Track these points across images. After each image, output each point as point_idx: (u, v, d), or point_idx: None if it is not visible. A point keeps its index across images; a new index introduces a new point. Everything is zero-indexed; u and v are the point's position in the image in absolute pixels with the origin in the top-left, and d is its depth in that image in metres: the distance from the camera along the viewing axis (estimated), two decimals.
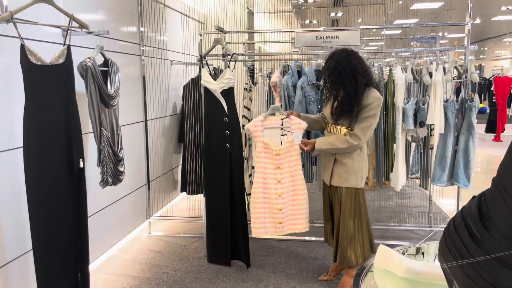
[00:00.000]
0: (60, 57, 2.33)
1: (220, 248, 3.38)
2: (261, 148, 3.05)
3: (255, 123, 3.07)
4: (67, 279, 2.43)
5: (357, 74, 2.69)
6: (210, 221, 3.41)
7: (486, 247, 0.98)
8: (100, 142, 2.73)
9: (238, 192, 3.30)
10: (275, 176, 3.04)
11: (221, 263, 3.40)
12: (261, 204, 3.05)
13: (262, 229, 3.07)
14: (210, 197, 3.39)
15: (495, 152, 8.45)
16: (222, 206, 3.30)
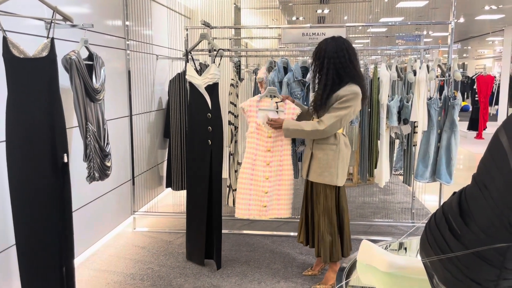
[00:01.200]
0: (44, 50, 2.30)
1: (195, 246, 3.35)
2: (253, 129, 3.07)
3: (250, 103, 3.09)
4: (52, 274, 2.40)
5: (339, 67, 2.67)
6: (190, 219, 3.38)
7: (465, 242, 1.01)
8: (86, 137, 2.71)
9: (216, 190, 3.26)
10: (265, 158, 3.06)
11: (195, 261, 3.37)
12: (248, 186, 3.07)
13: (246, 210, 3.09)
14: (191, 195, 3.36)
15: (477, 150, 8.61)
16: (201, 204, 3.28)
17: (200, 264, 3.33)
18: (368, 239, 1.75)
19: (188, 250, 3.43)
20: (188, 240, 3.42)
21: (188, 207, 3.38)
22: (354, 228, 4.10)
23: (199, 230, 3.30)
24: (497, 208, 0.95)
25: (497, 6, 9.48)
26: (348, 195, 5.20)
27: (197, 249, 3.33)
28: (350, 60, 2.70)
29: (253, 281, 3.07)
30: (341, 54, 2.66)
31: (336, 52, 2.66)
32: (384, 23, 4.97)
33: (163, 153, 4.96)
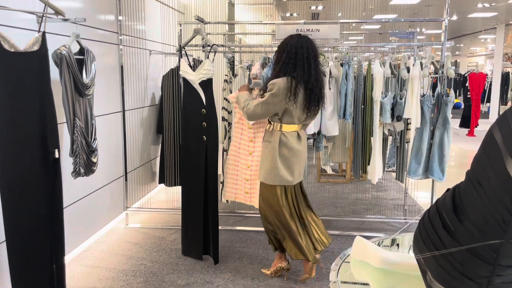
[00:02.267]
0: (35, 44, 2.27)
1: (193, 241, 3.36)
2: (238, 119, 3.21)
3: (235, 94, 3.17)
4: (42, 271, 2.38)
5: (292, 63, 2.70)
6: (185, 214, 3.39)
7: (459, 238, 1.01)
8: (73, 132, 2.68)
9: (212, 186, 3.27)
10: (248, 148, 3.19)
11: (193, 256, 3.37)
12: (233, 171, 3.26)
13: (232, 194, 3.30)
14: (186, 190, 3.36)
15: (468, 147, 8.67)
16: (197, 200, 3.28)
17: (199, 259, 3.34)
18: (360, 235, 1.75)
19: (184, 246, 3.43)
20: (184, 236, 3.42)
21: (184, 203, 3.38)
22: (347, 224, 4.12)
23: (196, 226, 3.30)
24: (491, 205, 0.96)
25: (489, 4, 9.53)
26: (341, 191, 5.24)
27: (195, 244, 3.34)
28: (308, 59, 2.71)
29: (246, 277, 3.07)
30: (300, 51, 2.70)
31: (296, 48, 2.71)
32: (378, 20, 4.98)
33: (156, 149, 4.94)
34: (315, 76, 2.74)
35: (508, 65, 14.41)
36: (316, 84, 2.75)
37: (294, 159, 2.83)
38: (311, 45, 2.76)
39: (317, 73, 2.76)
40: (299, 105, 2.75)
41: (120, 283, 2.98)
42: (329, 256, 3.42)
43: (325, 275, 3.10)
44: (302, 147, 2.88)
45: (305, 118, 2.85)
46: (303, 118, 2.84)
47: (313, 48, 2.76)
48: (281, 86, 2.68)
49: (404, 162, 3.92)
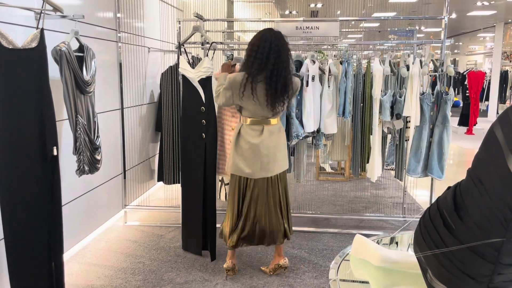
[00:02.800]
0: (33, 41, 2.26)
1: (193, 236, 3.38)
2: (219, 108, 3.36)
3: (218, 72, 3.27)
4: (40, 269, 2.38)
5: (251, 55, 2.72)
6: (185, 210, 3.42)
7: (460, 236, 1.01)
8: (76, 130, 2.67)
9: (210, 183, 3.28)
10: (230, 124, 3.27)
11: (193, 251, 3.41)
12: (220, 147, 3.36)
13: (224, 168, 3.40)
14: (185, 186, 3.39)
15: (467, 145, 8.67)
16: (196, 195, 3.30)
17: (198, 254, 3.35)
18: (359, 234, 1.75)
19: (184, 241, 3.47)
20: (184, 231, 3.44)
21: (184, 199, 3.40)
22: (346, 222, 4.12)
23: (195, 222, 3.33)
24: (492, 203, 0.95)
25: (489, 2, 9.52)
26: (340, 189, 5.23)
27: (195, 240, 3.37)
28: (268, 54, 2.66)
29: (244, 275, 3.07)
30: (262, 46, 2.68)
31: (258, 43, 2.70)
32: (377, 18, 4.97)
33: (154, 146, 4.93)
34: (276, 72, 2.68)
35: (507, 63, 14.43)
36: (276, 80, 2.69)
37: (250, 152, 2.82)
38: (276, 40, 2.69)
39: (278, 69, 2.69)
40: (260, 102, 2.75)
41: (118, 281, 2.98)
42: (328, 254, 3.42)
43: (324, 273, 3.10)
44: (265, 142, 2.81)
45: (272, 113, 2.81)
46: (269, 114, 2.82)
47: (277, 43, 2.69)
48: (231, 81, 2.77)
49: (403, 160, 3.91)
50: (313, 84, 3.55)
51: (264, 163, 2.85)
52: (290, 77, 2.78)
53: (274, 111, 2.81)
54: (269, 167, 2.87)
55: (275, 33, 2.74)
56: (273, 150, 2.87)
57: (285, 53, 2.74)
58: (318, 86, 3.62)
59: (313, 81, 3.54)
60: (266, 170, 2.87)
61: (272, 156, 2.86)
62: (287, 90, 2.77)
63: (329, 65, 3.65)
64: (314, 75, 3.56)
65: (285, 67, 2.74)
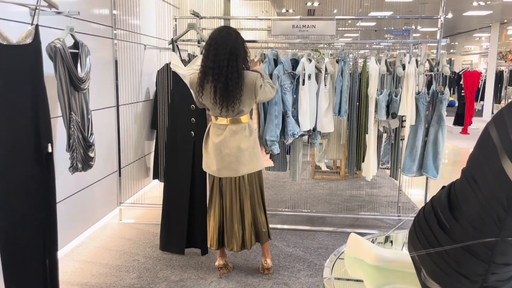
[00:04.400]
0: (28, 37, 2.24)
1: (174, 236, 3.34)
2: None
3: None
4: (35, 266, 2.37)
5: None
6: (168, 209, 3.36)
7: (454, 236, 1.01)
8: (69, 127, 2.66)
9: (199, 181, 3.26)
10: None
11: (174, 251, 3.36)
12: None
13: None
14: (170, 184, 3.34)
15: (462, 145, 8.70)
16: (182, 194, 3.27)
17: (180, 254, 3.33)
18: (354, 232, 1.75)
19: (163, 241, 3.40)
20: (164, 230, 3.39)
21: (166, 198, 3.36)
22: (341, 221, 4.13)
23: (179, 221, 3.29)
24: (486, 203, 0.95)
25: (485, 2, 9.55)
26: (335, 188, 5.24)
27: (178, 238, 3.33)
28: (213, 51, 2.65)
29: (240, 273, 3.07)
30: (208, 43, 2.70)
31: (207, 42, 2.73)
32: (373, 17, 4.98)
33: (150, 144, 4.91)
34: (217, 70, 2.63)
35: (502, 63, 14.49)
36: (217, 78, 2.64)
37: (213, 151, 2.82)
38: (217, 37, 2.65)
39: (219, 67, 2.62)
40: (210, 100, 2.74)
41: (113, 279, 2.97)
42: (323, 252, 3.43)
43: (319, 272, 3.11)
44: (226, 142, 2.77)
45: (234, 112, 2.74)
46: (229, 113, 2.74)
47: (217, 40, 2.64)
48: (191, 81, 2.86)
49: (398, 159, 3.92)
50: (310, 82, 3.55)
51: (226, 162, 2.79)
52: (234, 74, 2.64)
53: (229, 110, 2.71)
54: (233, 167, 2.80)
55: (222, 28, 2.70)
56: (235, 150, 2.78)
57: (225, 58, 2.62)
58: (315, 84, 3.62)
59: (309, 80, 3.54)
60: (231, 169, 2.80)
61: (234, 155, 2.78)
62: (232, 93, 2.66)
63: (325, 64, 3.64)
64: (310, 74, 3.56)
65: (224, 72, 2.63)
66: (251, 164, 2.85)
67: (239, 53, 2.68)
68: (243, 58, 2.71)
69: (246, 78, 2.72)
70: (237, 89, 2.67)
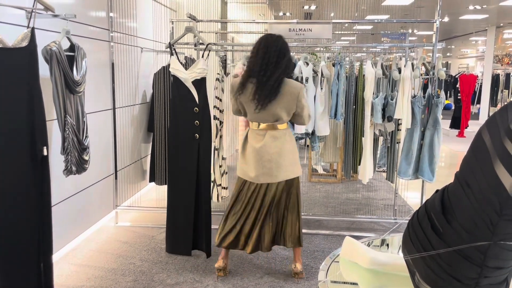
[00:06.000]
0: (23, 40, 2.24)
1: (181, 238, 3.35)
2: None
3: None
4: (29, 269, 2.35)
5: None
6: (173, 211, 3.37)
7: (447, 239, 1.01)
8: (64, 130, 2.65)
9: (204, 183, 3.28)
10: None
11: (181, 253, 3.37)
12: None
13: None
14: (174, 187, 3.35)
15: (458, 148, 8.73)
16: (187, 196, 3.28)
17: (187, 255, 3.33)
18: (350, 235, 1.75)
19: (170, 243, 3.41)
20: (170, 233, 3.39)
21: (171, 200, 3.36)
22: (337, 224, 4.13)
23: (185, 223, 3.30)
24: (479, 206, 0.96)
25: (481, 6, 9.60)
26: (332, 191, 5.25)
27: (184, 241, 3.34)
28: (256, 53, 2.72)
29: (235, 276, 3.07)
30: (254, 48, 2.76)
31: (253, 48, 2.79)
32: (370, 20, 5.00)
33: (146, 147, 4.91)
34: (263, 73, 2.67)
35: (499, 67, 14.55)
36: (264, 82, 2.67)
37: (252, 157, 2.83)
38: (266, 42, 2.72)
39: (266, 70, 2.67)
40: (248, 99, 2.75)
41: (109, 282, 2.96)
42: (318, 255, 3.43)
43: (314, 275, 3.11)
44: (267, 148, 2.78)
45: (274, 117, 2.76)
46: (269, 118, 2.76)
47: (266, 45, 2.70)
48: (231, 86, 2.84)
49: (394, 162, 3.93)
50: (307, 86, 3.56)
51: (266, 168, 2.79)
52: (281, 80, 2.70)
53: (271, 115, 2.75)
54: (273, 173, 2.81)
55: (267, 37, 2.76)
56: (276, 155, 2.79)
57: (272, 55, 2.68)
58: (312, 88, 3.63)
59: (306, 83, 3.55)
60: (270, 175, 2.81)
61: (275, 161, 2.79)
62: (275, 92, 2.69)
63: (321, 67, 3.66)
64: (307, 77, 3.57)
65: (271, 69, 2.67)
66: (290, 169, 2.87)
67: (287, 55, 2.78)
68: (288, 60, 2.79)
69: (289, 83, 2.76)
70: (278, 88, 2.70)
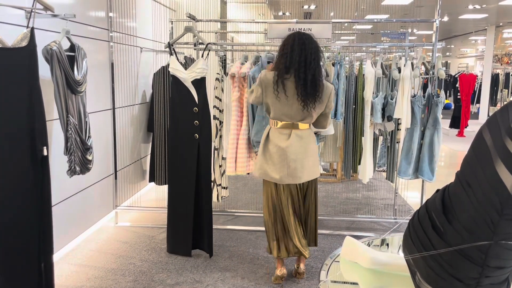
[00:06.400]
0: (23, 40, 2.24)
1: (181, 238, 3.34)
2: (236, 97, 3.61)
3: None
4: (30, 269, 2.35)
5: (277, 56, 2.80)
6: (173, 211, 3.36)
7: (448, 239, 1.01)
8: (67, 130, 2.65)
9: (204, 183, 3.27)
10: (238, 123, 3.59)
11: (181, 253, 3.36)
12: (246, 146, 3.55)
13: (245, 167, 3.57)
14: (175, 187, 3.34)
15: (458, 147, 8.73)
16: (187, 196, 3.27)
17: (187, 255, 3.33)
18: (350, 235, 1.75)
19: (171, 244, 3.41)
20: (171, 234, 3.39)
21: (172, 201, 3.36)
22: (337, 223, 4.13)
23: (186, 223, 3.29)
24: (480, 206, 0.96)
25: (480, 6, 9.60)
26: (332, 191, 5.24)
27: (184, 241, 3.33)
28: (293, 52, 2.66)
29: (236, 277, 3.06)
30: (287, 46, 2.70)
31: (284, 44, 2.73)
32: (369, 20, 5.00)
33: (146, 147, 4.90)
34: (303, 67, 2.64)
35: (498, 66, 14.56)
36: (304, 76, 2.63)
37: (277, 156, 2.74)
38: (299, 36, 2.69)
39: (305, 65, 2.64)
40: (289, 97, 2.68)
41: (109, 282, 2.96)
42: (319, 255, 3.43)
43: (315, 275, 3.11)
44: (293, 147, 2.73)
45: (302, 112, 2.70)
46: (298, 115, 2.73)
47: (300, 39, 2.67)
48: (262, 79, 2.75)
49: (394, 162, 3.93)
50: None
51: (291, 168, 2.73)
52: (319, 77, 2.69)
53: (303, 112, 2.70)
54: (297, 174, 2.75)
55: (300, 33, 2.74)
56: (301, 155, 2.75)
57: (312, 47, 2.67)
58: None
59: None
60: (294, 176, 2.75)
61: (300, 161, 2.75)
62: (316, 89, 2.67)
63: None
64: None
65: (313, 65, 2.66)
66: (313, 170, 2.84)
67: (321, 53, 2.76)
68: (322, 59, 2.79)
69: (324, 82, 2.75)
70: (319, 92, 2.69)
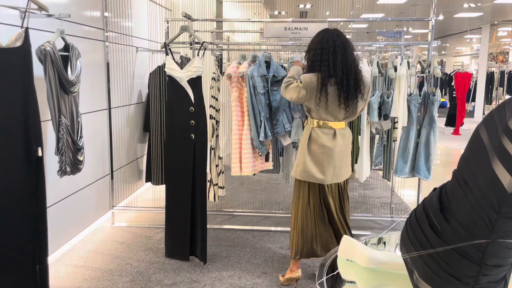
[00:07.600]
0: (17, 40, 2.22)
1: (178, 242, 3.29)
2: (235, 96, 3.54)
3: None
4: (25, 271, 2.34)
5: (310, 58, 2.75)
6: (170, 213, 3.31)
7: (446, 237, 1.01)
8: (58, 130, 2.63)
9: (199, 184, 3.23)
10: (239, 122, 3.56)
11: (179, 258, 3.31)
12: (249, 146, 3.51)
13: (251, 168, 3.54)
14: (171, 189, 3.31)
15: (454, 145, 8.76)
16: (184, 198, 3.23)
17: (185, 260, 3.28)
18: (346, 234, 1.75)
19: (168, 247, 3.36)
20: (169, 237, 3.35)
21: (169, 202, 3.33)
22: None
23: (183, 226, 3.25)
24: (477, 204, 0.96)
25: (475, 4, 9.64)
26: None
27: (181, 245, 3.28)
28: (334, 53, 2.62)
29: (233, 276, 3.06)
30: (326, 46, 2.63)
31: (321, 44, 2.65)
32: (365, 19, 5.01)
33: (142, 147, 4.89)
34: (346, 71, 2.62)
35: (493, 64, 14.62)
36: (347, 82, 2.62)
37: (324, 157, 2.71)
38: (338, 38, 2.65)
39: (347, 65, 2.62)
40: (331, 102, 2.65)
41: (105, 283, 2.95)
42: None
43: (312, 274, 3.11)
44: (338, 146, 2.72)
45: (345, 114, 2.71)
46: (341, 115, 2.71)
47: (341, 41, 2.64)
48: (307, 82, 2.65)
49: (391, 160, 3.94)
50: None
51: (336, 167, 2.74)
52: (360, 73, 2.68)
53: (347, 110, 2.68)
54: (341, 172, 2.78)
55: (335, 31, 2.69)
56: (345, 155, 2.78)
57: (350, 48, 2.66)
58: None
59: None
60: (338, 176, 2.77)
61: (344, 160, 2.78)
62: (359, 87, 2.67)
63: None
64: None
65: (353, 63, 2.65)
66: (349, 169, 2.87)
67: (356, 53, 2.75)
68: None
69: (364, 78, 2.75)
70: (361, 87, 2.69)
